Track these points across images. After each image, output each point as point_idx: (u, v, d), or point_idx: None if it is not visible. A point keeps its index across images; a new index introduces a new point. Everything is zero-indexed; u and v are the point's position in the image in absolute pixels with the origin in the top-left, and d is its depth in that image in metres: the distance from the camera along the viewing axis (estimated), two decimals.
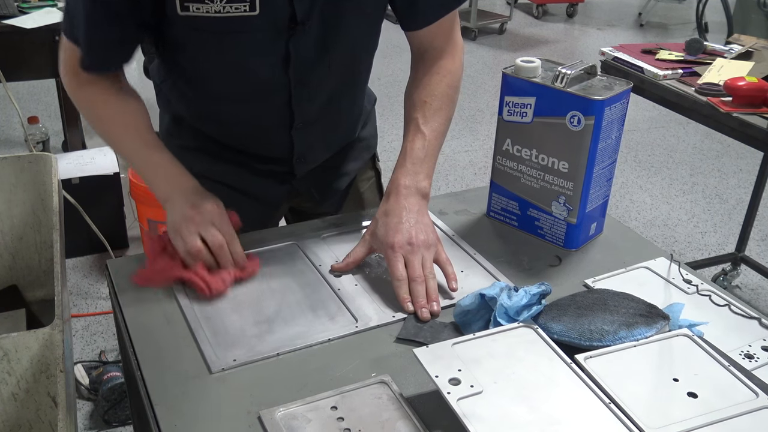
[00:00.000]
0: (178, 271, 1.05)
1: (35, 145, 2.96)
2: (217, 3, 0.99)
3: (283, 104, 1.16)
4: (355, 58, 1.21)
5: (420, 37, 1.21)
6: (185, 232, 1.05)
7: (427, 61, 1.21)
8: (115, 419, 2.01)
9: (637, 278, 1.10)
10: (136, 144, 1.13)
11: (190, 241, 1.05)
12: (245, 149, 1.25)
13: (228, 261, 1.06)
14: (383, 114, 4.23)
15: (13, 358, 1.25)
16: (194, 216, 1.06)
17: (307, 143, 1.24)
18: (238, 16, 1.01)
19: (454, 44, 1.23)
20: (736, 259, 2.78)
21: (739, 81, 1.97)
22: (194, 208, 1.07)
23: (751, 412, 0.77)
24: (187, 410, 0.83)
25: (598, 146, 1.10)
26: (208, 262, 1.05)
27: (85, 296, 2.57)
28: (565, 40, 6.14)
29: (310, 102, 1.18)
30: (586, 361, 0.83)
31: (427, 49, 1.22)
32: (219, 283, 1.04)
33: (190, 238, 1.05)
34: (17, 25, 2.56)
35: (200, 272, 1.03)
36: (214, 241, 1.05)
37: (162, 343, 0.94)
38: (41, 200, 1.87)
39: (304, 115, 1.19)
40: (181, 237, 1.06)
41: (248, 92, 1.15)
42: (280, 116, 1.18)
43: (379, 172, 1.47)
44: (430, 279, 1.04)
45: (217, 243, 1.06)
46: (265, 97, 1.16)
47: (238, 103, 1.17)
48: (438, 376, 0.79)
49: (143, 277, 1.06)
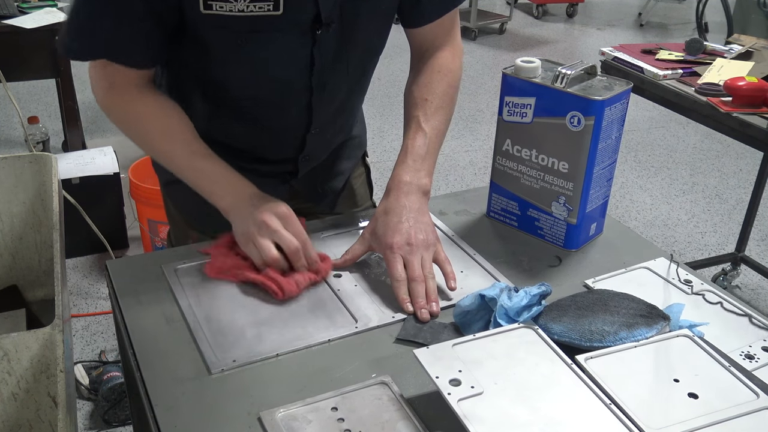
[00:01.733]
0: (250, 273, 1.03)
1: (35, 145, 2.96)
2: (241, 2, 0.98)
3: (303, 108, 1.15)
4: (368, 60, 1.21)
5: (421, 35, 1.21)
6: (260, 241, 1.03)
7: (427, 59, 1.21)
8: (115, 419, 2.01)
9: (637, 279, 1.10)
10: (186, 155, 1.10)
11: (267, 251, 1.03)
12: (253, 151, 1.24)
13: (303, 264, 1.05)
14: (383, 114, 4.24)
15: (13, 358, 1.25)
16: (267, 222, 1.04)
17: (317, 144, 1.24)
18: (262, 15, 1.00)
19: (455, 44, 1.23)
20: (736, 259, 2.78)
21: (739, 81, 1.97)
22: (265, 214, 1.04)
23: (751, 412, 0.76)
24: (186, 411, 0.83)
25: (598, 146, 1.10)
26: (283, 267, 1.04)
27: (85, 296, 2.57)
28: (565, 40, 6.14)
29: (327, 105, 1.18)
30: (587, 362, 0.83)
31: (428, 47, 1.22)
32: (293, 286, 1.02)
33: (266, 247, 1.03)
34: (17, 25, 2.56)
35: (273, 275, 1.02)
36: (290, 246, 1.03)
37: (162, 344, 0.94)
38: (41, 200, 1.87)
39: (321, 119, 1.19)
40: (256, 246, 1.03)
41: (269, 95, 1.13)
42: (299, 119, 1.17)
43: (368, 168, 1.47)
44: (430, 279, 1.03)
45: (293, 248, 1.03)
46: (286, 100, 1.14)
47: (259, 103, 1.15)
48: (438, 377, 0.79)
49: (215, 269, 1.05)
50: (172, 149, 1.11)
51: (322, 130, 1.22)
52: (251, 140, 1.22)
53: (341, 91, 1.19)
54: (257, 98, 1.14)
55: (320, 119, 1.19)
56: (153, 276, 1.08)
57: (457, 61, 1.23)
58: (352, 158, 1.39)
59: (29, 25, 2.56)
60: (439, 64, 1.20)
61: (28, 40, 2.59)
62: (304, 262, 1.05)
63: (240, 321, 0.98)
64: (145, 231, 2.62)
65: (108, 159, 2.73)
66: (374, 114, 4.21)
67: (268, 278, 1.02)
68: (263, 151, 1.24)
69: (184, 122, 1.10)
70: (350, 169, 1.39)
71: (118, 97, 1.08)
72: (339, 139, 1.33)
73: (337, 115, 1.23)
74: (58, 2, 2.78)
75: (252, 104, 1.15)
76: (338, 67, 1.13)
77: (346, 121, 1.30)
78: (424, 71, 1.20)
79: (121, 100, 1.08)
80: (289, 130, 1.20)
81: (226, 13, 0.99)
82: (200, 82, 1.15)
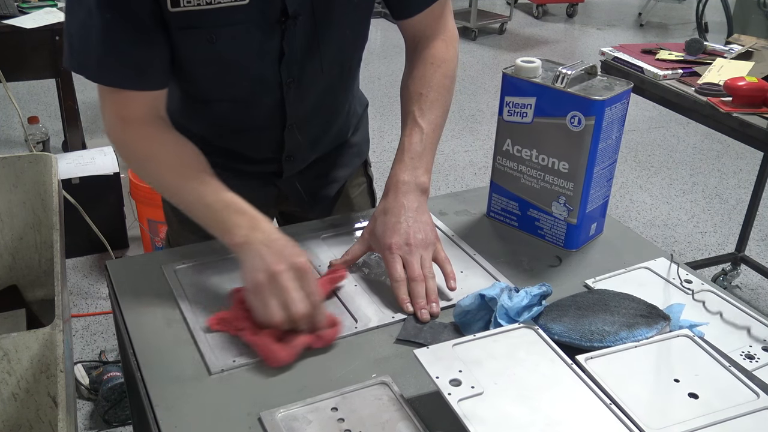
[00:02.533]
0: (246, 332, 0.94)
1: (35, 145, 2.96)
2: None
3: (276, 104, 1.15)
4: (346, 54, 1.19)
5: (411, 25, 1.20)
6: (267, 297, 0.92)
7: (420, 51, 1.20)
8: (115, 419, 2.01)
9: (637, 278, 1.10)
10: (198, 187, 1.02)
11: (271, 313, 0.92)
12: (234, 149, 1.23)
13: (307, 329, 0.94)
14: (383, 114, 4.24)
15: (13, 358, 1.25)
16: (279, 278, 0.92)
17: (297, 143, 1.23)
18: (229, 6, 0.99)
19: (447, 32, 1.22)
20: (736, 259, 2.78)
21: (739, 81, 1.97)
22: (280, 266, 0.92)
23: (752, 412, 0.76)
24: (186, 411, 0.83)
25: (599, 146, 1.10)
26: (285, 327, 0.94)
27: (85, 296, 2.57)
28: (565, 40, 6.14)
29: (302, 101, 1.17)
30: (587, 362, 0.83)
31: (420, 38, 1.21)
32: (287, 355, 0.91)
33: (272, 308, 0.92)
34: (17, 25, 2.56)
35: (266, 340, 0.92)
36: (297, 313, 0.91)
37: (162, 344, 0.94)
38: (41, 200, 1.87)
39: (296, 115, 1.18)
40: (262, 302, 0.92)
41: (241, 93, 1.13)
42: (273, 117, 1.17)
43: (371, 178, 1.46)
44: (430, 279, 1.03)
45: (300, 315, 0.92)
46: (258, 97, 1.14)
47: (230, 103, 1.15)
48: (439, 377, 0.79)
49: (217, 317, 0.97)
50: (182, 181, 1.04)
51: (299, 128, 1.20)
52: (229, 137, 1.21)
53: (317, 87, 1.17)
54: (231, 95, 1.13)
55: (295, 115, 1.17)
56: (153, 276, 1.08)
57: (451, 49, 1.21)
58: (348, 166, 1.38)
59: (29, 25, 2.56)
60: (431, 55, 1.19)
61: (28, 40, 2.59)
62: (308, 326, 0.94)
63: None
64: (145, 231, 2.62)
65: (108, 159, 2.73)
66: (374, 114, 4.20)
67: (261, 343, 0.92)
68: (245, 147, 1.23)
69: (197, 154, 1.06)
70: (345, 178, 1.38)
71: (131, 124, 1.05)
72: (326, 142, 1.31)
73: (315, 113, 1.21)
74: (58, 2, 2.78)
75: (227, 101, 1.14)
76: (311, 61, 1.11)
77: (331, 122, 1.28)
78: (418, 64, 1.19)
79: (132, 126, 1.05)
80: (267, 127, 1.19)
81: (194, 8, 0.98)
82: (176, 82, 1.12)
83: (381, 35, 5.71)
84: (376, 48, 5.43)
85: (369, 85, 4.65)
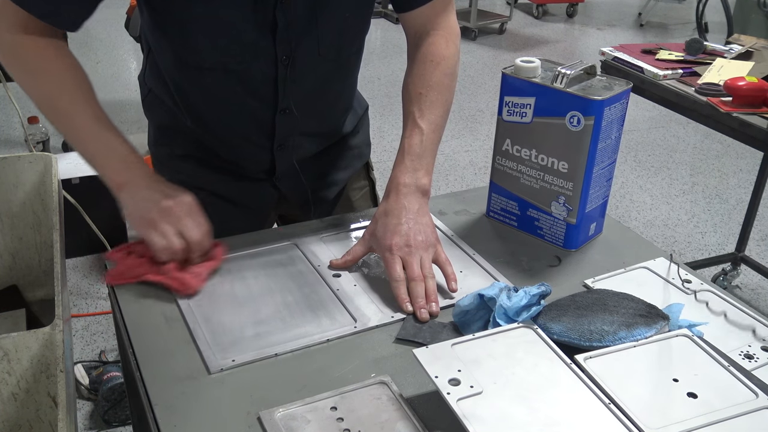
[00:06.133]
0: (149, 273, 1.01)
1: (35, 145, 2.96)
2: None
3: (269, 81, 1.13)
4: (344, 39, 1.18)
5: (413, 19, 1.20)
6: (164, 227, 1.02)
7: (421, 47, 1.20)
8: (115, 419, 2.01)
9: (637, 278, 1.10)
10: (86, 116, 1.04)
11: (170, 238, 1.01)
12: (226, 137, 1.22)
13: (200, 256, 1.05)
14: (383, 114, 4.24)
15: (13, 358, 1.25)
16: (172, 209, 1.03)
17: (288, 128, 1.21)
18: None
19: (449, 28, 1.21)
20: (736, 259, 2.78)
21: (739, 81, 1.97)
22: (170, 201, 1.03)
23: (750, 412, 0.76)
24: (186, 411, 0.83)
25: (598, 146, 1.10)
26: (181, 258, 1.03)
27: (85, 296, 2.57)
28: (565, 40, 6.14)
29: (295, 82, 1.15)
30: (586, 362, 0.83)
31: (421, 34, 1.20)
32: (197, 280, 1.01)
33: (171, 234, 1.02)
34: None
35: (174, 274, 1.00)
36: (193, 237, 1.03)
37: (161, 344, 0.94)
38: (41, 200, 1.87)
39: (289, 98, 1.16)
40: (159, 232, 1.02)
41: (234, 62, 1.10)
42: (266, 96, 1.15)
43: (374, 182, 1.45)
44: (429, 279, 1.03)
45: (197, 239, 1.03)
46: (251, 69, 1.11)
47: (224, 73, 1.11)
48: (438, 377, 0.79)
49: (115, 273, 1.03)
50: (74, 110, 1.05)
51: (291, 112, 1.18)
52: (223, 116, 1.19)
53: (313, 71, 1.16)
54: (225, 63, 1.10)
55: (289, 98, 1.16)
56: None
57: (451, 46, 1.21)
58: (348, 169, 1.37)
59: None
60: (431, 52, 1.18)
61: None
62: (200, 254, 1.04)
63: (239, 320, 0.98)
64: None
65: None
66: (374, 114, 4.20)
67: (170, 278, 1.00)
68: (236, 132, 1.21)
69: (89, 83, 1.07)
70: (345, 180, 1.38)
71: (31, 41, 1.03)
72: (320, 134, 1.29)
73: (309, 99, 1.19)
74: None
75: (220, 71, 1.11)
76: (307, 41, 1.10)
77: (325, 113, 1.27)
78: (418, 61, 1.19)
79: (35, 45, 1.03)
80: (259, 108, 1.17)
81: None
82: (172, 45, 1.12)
83: (381, 35, 5.71)
84: (376, 48, 5.44)
85: (369, 85, 4.65)
